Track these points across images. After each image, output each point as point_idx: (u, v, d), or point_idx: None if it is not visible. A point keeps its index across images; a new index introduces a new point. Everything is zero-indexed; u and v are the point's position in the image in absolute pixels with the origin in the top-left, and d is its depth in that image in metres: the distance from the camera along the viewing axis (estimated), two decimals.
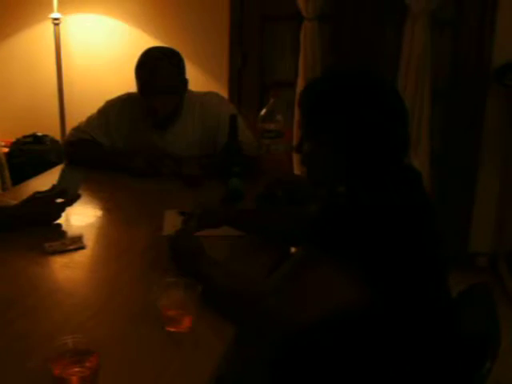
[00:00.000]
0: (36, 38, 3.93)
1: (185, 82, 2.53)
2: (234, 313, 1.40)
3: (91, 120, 2.63)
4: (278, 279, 1.37)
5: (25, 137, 3.88)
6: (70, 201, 1.98)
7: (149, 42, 2.61)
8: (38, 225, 1.91)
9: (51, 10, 3.66)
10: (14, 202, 1.97)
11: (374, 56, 3.55)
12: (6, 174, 3.68)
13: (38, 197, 1.95)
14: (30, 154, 3.77)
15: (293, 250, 2.02)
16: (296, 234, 1.79)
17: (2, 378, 1.17)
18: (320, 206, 1.46)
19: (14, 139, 3.87)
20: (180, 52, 2.53)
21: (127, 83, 2.66)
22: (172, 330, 1.34)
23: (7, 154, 3.77)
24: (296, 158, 3.58)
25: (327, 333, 1.38)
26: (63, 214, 1.98)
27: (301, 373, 1.50)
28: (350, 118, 1.39)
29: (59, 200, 1.96)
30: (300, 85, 3.56)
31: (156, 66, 2.44)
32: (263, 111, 2.37)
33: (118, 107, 2.61)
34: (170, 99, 2.46)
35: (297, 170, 3.59)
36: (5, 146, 3.82)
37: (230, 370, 1.36)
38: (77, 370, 1.08)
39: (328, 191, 1.51)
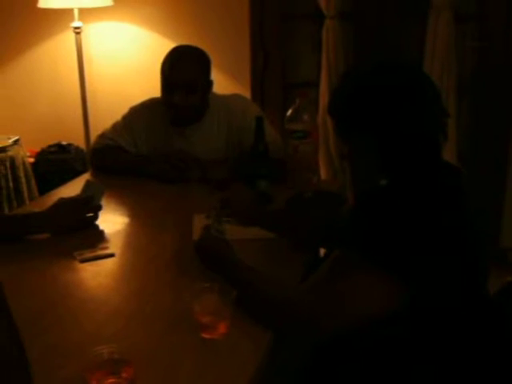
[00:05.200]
0: (58, 48, 3.94)
1: (208, 81, 2.52)
2: (267, 318, 1.37)
3: (116, 127, 2.63)
4: (313, 284, 1.34)
5: (50, 146, 3.89)
6: (96, 209, 1.98)
7: (170, 46, 2.59)
8: (69, 232, 1.91)
9: (72, 19, 3.66)
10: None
11: (397, 52, 3.50)
12: (33, 183, 3.70)
13: (66, 202, 1.95)
14: (56, 163, 3.78)
15: (322, 251, 1.99)
16: (326, 236, 1.76)
17: None
18: (353, 209, 1.42)
19: (39, 149, 3.89)
20: None
21: (150, 89, 2.65)
22: (207, 336, 1.31)
23: (33, 164, 3.79)
24: (322, 157, 3.56)
25: (364, 338, 1.34)
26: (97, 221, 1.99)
27: (336, 379, 1.47)
28: (381, 116, 1.35)
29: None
30: (323, 84, 3.53)
31: (179, 60, 2.44)
32: (289, 111, 2.34)
33: (142, 113, 2.61)
34: (192, 96, 2.43)
35: (323, 170, 3.56)
36: (30, 156, 3.83)
37: (265, 377, 1.33)
38: (113, 380, 1.06)
39: (369, 188, 1.47)
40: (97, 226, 1.99)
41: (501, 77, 3.43)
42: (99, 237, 1.93)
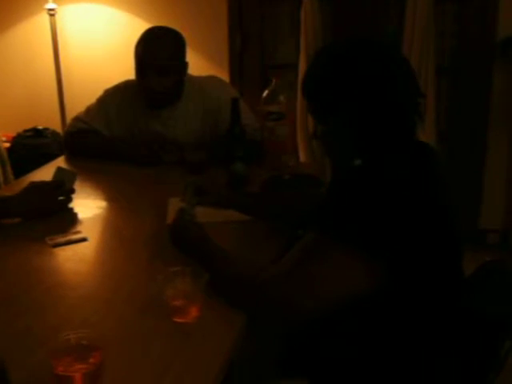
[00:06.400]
0: (32, 30, 3.88)
1: (184, 63, 2.48)
2: (240, 301, 1.36)
3: (90, 110, 2.59)
4: (286, 265, 1.32)
5: (25, 131, 3.85)
6: (68, 192, 1.96)
7: (146, 27, 2.55)
8: (41, 216, 1.88)
9: (46, 1, 3.61)
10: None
11: (376, 33, 3.48)
12: (8, 168, 3.64)
13: (37, 186, 1.92)
14: (32, 147, 3.74)
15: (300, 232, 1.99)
16: (303, 218, 1.75)
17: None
18: (327, 190, 1.41)
19: (14, 134, 3.84)
20: None
21: (126, 72, 2.61)
22: (179, 320, 1.30)
23: (8, 149, 3.74)
24: (300, 139, 3.55)
25: (339, 318, 1.34)
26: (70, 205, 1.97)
27: (312, 358, 1.47)
28: (354, 94, 1.33)
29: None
30: (302, 65, 3.50)
31: (153, 43, 2.40)
32: (265, 93, 2.31)
33: (116, 96, 2.57)
34: (167, 78, 2.40)
35: (301, 151, 3.55)
36: (6, 141, 3.78)
37: (241, 357, 1.32)
38: (80, 366, 1.04)
39: (344, 168, 1.45)
40: (70, 210, 1.96)
41: (479, 57, 3.43)
42: (72, 221, 1.90)
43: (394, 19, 3.52)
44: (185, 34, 2.49)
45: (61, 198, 1.95)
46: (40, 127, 3.83)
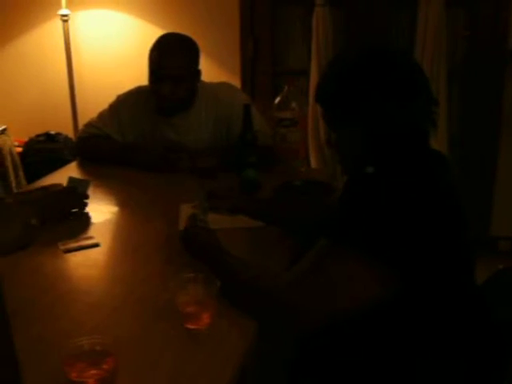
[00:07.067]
0: (45, 36, 3.90)
1: (197, 71, 2.48)
2: (253, 308, 1.36)
3: (102, 115, 2.61)
4: (299, 272, 1.32)
5: (38, 136, 3.86)
6: (81, 197, 1.96)
7: (158, 34, 2.55)
8: (53, 221, 1.88)
9: (59, 7, 3.63)
10: None
11: (388, 39, 3.48)
12: (21, 173, 3.67)
13: (50, 191, 1.93)
14: (44, 152, 3.75)
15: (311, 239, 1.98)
16: (314, 224, 1.75)
17: None
18: (340, 197, 1.41)
19: (27, 139, 3.86)
20: None
21: (139, 77, 2.62)
22: (191, 327, 1.30)
23: (21, 154, 3.76)
24: (312, 146, 3.54)
25: (352, 325, 1.33)
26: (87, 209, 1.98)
27: (325, 365, 1.46)
28: (368, 103, 1.33)
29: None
30: (313, 72, 3.50)
31: (167, 50, 2.40)
32: (277, 99, 2.32)
33: (129, 101, 2.58)
34: (180, 86, 2.40)
35: (313, 158, 3.54)
36: (18, 146, 3.80)
37: (253, 363, 1.32)
38: (94, 372, 1.04)
39: (356, 176, 1.45)
40: (83, 216, 1.97)
41: (491, 63, 3.41)
42: (84, 226, 1.91)
43: (406, 25, 3.52)
44: (197, 40, 2.50)
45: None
46: (52, 132, 3.85)
